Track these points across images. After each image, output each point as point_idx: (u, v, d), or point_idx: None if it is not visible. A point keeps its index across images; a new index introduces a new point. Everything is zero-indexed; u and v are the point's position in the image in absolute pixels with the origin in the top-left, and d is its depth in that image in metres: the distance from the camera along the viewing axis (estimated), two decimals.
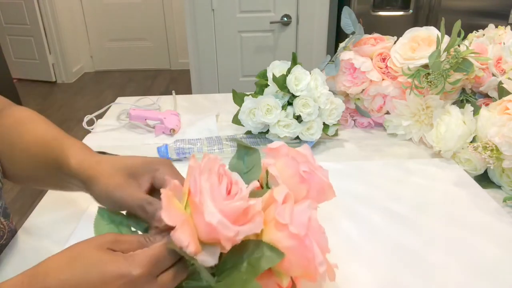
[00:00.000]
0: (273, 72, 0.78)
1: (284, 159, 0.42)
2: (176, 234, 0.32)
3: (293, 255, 0.35)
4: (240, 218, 0.34)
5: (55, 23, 3.60)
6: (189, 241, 0.32)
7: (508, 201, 0.64)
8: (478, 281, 0.49)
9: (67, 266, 0.32)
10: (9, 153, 0.50)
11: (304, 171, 0.41)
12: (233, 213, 0.33)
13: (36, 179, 0.51)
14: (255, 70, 0.89)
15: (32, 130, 0.50)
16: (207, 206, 0.33)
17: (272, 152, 0.44)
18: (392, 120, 0.85)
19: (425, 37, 0.78)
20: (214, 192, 0.34)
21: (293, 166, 0.41)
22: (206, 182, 0.34)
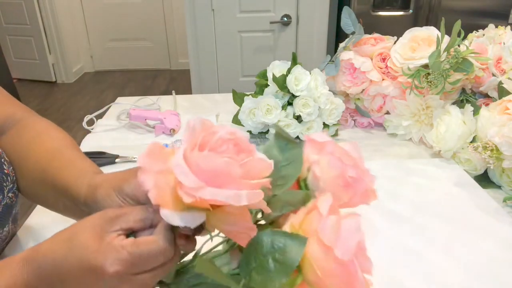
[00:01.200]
0: (273, 72, 0.78)
1: (329, 157, 0.37)
2: (141, 176, 0.29)
3: (334, 279, 0.31)
4: (225, 181, 0.29)
5: (55, 23, 3.60)
6: (153, 187, 0.29)
7: (508, 201, 0.64)
8: (478, 281, 0.49)
9: (61, 246, 0.33)
10: (22, 165, 0.49)
11: (351, 176, 0.37)
12: (211, 170, 0.28)
13: (42, 198, 0.49)
14: (255, 70, 0.89)
15: (47, 144, 0.49)
16: (177, 153, 0.29)
17: (313, 144, 0.39)
18: (392, 120, 0.85)
19: (425, 37, 0.78)
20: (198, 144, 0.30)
21: (339, 168, 0.37)
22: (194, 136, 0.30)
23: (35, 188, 0.49)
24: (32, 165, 0.48)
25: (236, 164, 0.29)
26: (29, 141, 0.50)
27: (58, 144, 0.50)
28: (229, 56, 2.04)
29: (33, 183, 0.49)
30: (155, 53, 4.08)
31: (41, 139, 0.50)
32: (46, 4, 3.49)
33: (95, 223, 0.33)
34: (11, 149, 0.50)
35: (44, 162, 0.47)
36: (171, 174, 0.30)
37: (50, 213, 0.62)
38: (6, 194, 0.48)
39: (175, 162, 0.28)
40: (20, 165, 0.50)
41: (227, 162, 0.29)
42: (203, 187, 0.28)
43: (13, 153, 0.50)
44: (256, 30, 1.99)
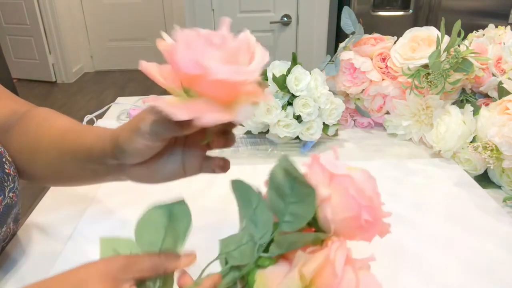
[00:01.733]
0: (273, 72, 0.78)
1: (342, 196, 0.33)
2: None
3: None
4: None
5: (55, 23, 3.61)
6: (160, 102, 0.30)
7: (508, 201, 0.64)
8: (478, 281, 0.49)
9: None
10: (34, 151, 0.49)
11: (366, 220, 0.34)
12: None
13: (59, 173, 0.49)
14: None
15: (55, 125, 0.50)
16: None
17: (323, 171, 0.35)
18: (392, 120, 0.85)
19: (425, 37, 0.78)
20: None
21: (354, 209, 0.33)
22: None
23: (53, 168, 0.48)
24: (45, 146, 0.48)
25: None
26: (38, 127, 0.50)
27: (68, 122, 0.50)
28: None
29: (50, 164, 0.48)
30: (155, 53, 4.05)
31: (49, 122, 0.51)
32: (46, 4, 3.49)
33: (107, 271, 0.32)
34: (19, 140, 0.50)
35: (58, 138, 0.47)
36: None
37: (50, 213, 0.63)
38: (7, 194, 0.48)
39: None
40: (32, 152, 0.49)
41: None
42: (208, 62, 0.29)
43: (23, 144, 0.50)
44: (256, 30, 1.99)
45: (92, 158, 0.43)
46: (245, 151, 0.81)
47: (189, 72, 0.30)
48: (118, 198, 0.65)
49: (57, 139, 0.48)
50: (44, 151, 0.48)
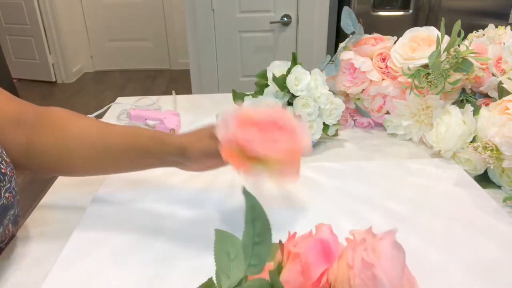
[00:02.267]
0: (273, 72, 0.78)
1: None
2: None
3: None
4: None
5: (55, 23, 3.61)
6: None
7: (508, 201, 0.64)
8: (478, 281, 0.49)
9: None
10: (64, 145, 0.54)
11: None
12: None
13: (98, 166, 0.56)
14: (255, 70, 0.89)
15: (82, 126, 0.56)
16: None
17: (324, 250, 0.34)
18: (392, 120, 0.85)
19: (425, 37, 0.78)
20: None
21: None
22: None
23: (95, 163, 0.55)
24: (84, 144, 0.54)
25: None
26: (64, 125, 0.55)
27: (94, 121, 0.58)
28: (229, 56, 2.04)
29: (92, 160, 0.54)
30: (155, 53, 4.08)
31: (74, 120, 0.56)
32: (46, 4, 3.49)
33: None
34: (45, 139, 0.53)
35: (99, 137, 0.54)
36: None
37: (50, 213, 0.63)
38: (3, 194, 0.48)
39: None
40: (64, 150, 0.54)
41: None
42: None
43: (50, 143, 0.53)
44: (256, 30, 1.99)
45: (148, 155, 0.52)
46: None
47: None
48: (118, 198, 0.65)
49: (97, 137, 0.54)
50: (80, 148, 0.53)
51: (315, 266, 0.33)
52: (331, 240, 0.35)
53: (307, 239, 0.35)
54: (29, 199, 2.13)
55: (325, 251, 0.34)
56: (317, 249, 0.34)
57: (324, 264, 0.34)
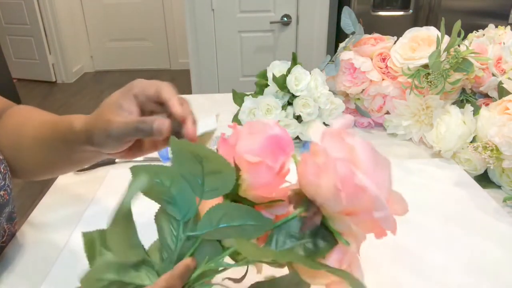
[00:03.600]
0: (273, 72, 0.78)
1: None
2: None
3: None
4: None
5: (55, 23, 3.60)
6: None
7: (508, 201, 0.64)
8: (478, 281, 0.49)
9: None
10: (18, 146, 0.50)
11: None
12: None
13: (47, 164, 0.50)
14: (255, 70, 0.89)
15: (37, 118, 0.51)
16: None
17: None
18: (392, 120, 0.85)
19: (425, 37, 0.78)
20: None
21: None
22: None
23: (39, 161, 0.49)
24: (29, 141, 0.49)
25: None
26: (19, 124, 0.51)
27: (47, 115, 0.51)
28: (229, 56, 2.04)
29: (35, 158, 0.49)
30: (155, 53, 4.08)
31: (29, 118, 0.51)
32: (46, 4, 3.49)
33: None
34: (3, 138, 0.51)
35: (39, 131, 0.48)
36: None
37: (50, 213, 0.63)
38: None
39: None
40: (17, 149, 0.50)
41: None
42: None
43: (7, 141, 0.51)
44: (256, 30, 1.98)
45: (70, 145, 0.44)
46: None
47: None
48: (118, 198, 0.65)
49: (37, 132, 0.49)
50: (28, 146, 0.49)
51: (274, 159, 0.33)
52: (282, 133, 0.34)
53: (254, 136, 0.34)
54: (29, 199, 2.13)
55: (280, 147, 0.34)
56: (271, 147, 0.33)
57: (282, 156, 0.34)
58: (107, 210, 0.62)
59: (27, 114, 0.53)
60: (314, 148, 0.32)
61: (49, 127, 0.48)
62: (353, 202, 0.30)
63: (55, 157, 0.48)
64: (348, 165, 0.29)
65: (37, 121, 0.50)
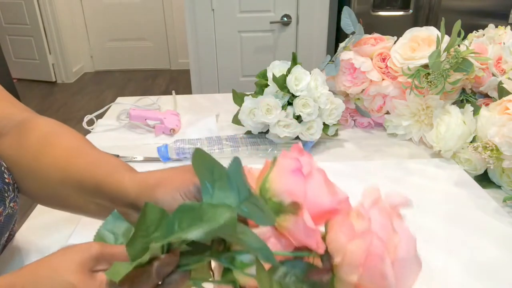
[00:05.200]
0: (273, 72, 0.78)
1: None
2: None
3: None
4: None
5: (55, 23, 3.60)
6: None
7: (508, 201, 0.64)
8: (478, 281, 0.49)
9: (42, 284, 0.30)
10: (33, 170, 0.46)
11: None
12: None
13: (57, 198, 0.46)
14: (255, 70, 0.89)
15: (60, 142, 0.46)
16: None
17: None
18: (392, 120, 0.85)
19: (425, 37, 0.78)
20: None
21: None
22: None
23: (51, 190, 0.45)
24: (47, 165, 0.44)
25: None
26: (40, 141, 0.46)
27: (76, 142, 0.46)
28: (229, 56, 2.04)
29: (48, 185, 0.45)
30: (155, 53, 4.08)
31: (54, 138, 0.47)
32: (46, 4, 3.49)
33: (82, 262, 0.30)
34: (15, 151, 0.47)
35: (64, 161, 0.44)
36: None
37: (50, 213, 0.63)
38: (7, 204, 0.46)
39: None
40: (30, 170, 0.46)
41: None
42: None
43: (19, 156, 0.46)
44: (256, 30, 1.98)
45: (101, 195, 0.41)
46: (245, 151, 0.81)
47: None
48: None
49: (62, 161, 0.44)
50: (44, 173, 0.44)
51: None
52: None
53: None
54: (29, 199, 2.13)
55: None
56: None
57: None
58: None
59: (49, 133, 0.47)
60: (359, 209, 0.31)
61: (78, 163, 0.43)
62: (367, 280, 0.29)
63: (70, 197, 0.43)
64: (383, 248, 0.29)
65: (60, 148, 0.45)
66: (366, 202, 0.32)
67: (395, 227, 0.30)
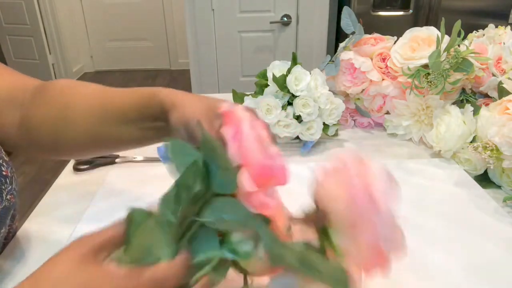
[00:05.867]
0: (273, 72, 0.78)
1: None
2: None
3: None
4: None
5: (55, 23, 3.60)
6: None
7: (508, 201, 0.64)
8: (478, 281, 0.49)
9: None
10: (64, 120, 0.47)
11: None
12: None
13: (95, 142, 0.48)
14: (255, 70, 0.89)
15: (88, 90, 0.49)
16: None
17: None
18: (392, 120, 0.85)
19: (425, 37, 0.78)
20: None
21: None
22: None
23: (91, 134, 0.47)
24: (80, 112, 0.46)
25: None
26: (64, 95, 0.48)
27: (100, 87, 0.50)
28: (229, 56, 2.04)
29: (87, 131, 0.47)
30: (155, 53, 4.08)
31: (77, 88, 0.49)
32: (46, 4, 3.49)
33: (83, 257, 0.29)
34: (41, 112, 0.48)
35: (98, 97, 0.47)
36: None
37: (50, 213, 0.63)
38: (4, 196, 0.47)
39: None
40: (60, 122, 0.47)
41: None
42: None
43: (46, 115, 0.48)
44: (256, 30, 1.98)
45: (146, 115, 0.43)
46: None
47: None
48: (118, 198, 0.65)
49: (97, 100, 0.46)
50: (79, 118, 0.46)
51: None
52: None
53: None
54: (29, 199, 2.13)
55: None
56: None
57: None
58: (107, 210, 0.62)
59: (71, 86, 0.50)
60: (336, 167, 0.34)
61: (116, 97, 0.46)
62: (363, 216, 0.32)
63: (108, 133, 0.46)
64: (366, 180, 0.33)
65: (89, 93, 0.48)
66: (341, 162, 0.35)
67: (368, 169, 0.35)
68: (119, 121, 0.45)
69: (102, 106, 0.46)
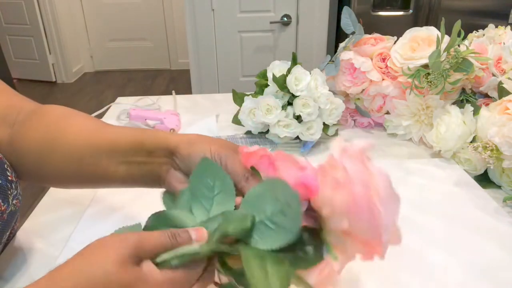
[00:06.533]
0: (273, 72, 0.78)
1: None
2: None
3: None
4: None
5: (55, 23, 3.60)
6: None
7: (508, 201, 0.64)
8: (478, 281, 0.49)
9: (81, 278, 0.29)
10: (50, 150, 0.46)
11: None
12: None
13: (83, 170, 0.46)
14: (255, 70, 0.89)
15: (75, 123, 0.48)
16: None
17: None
18: (392, 120, 0.85)
19: (425, 37, 0.78)
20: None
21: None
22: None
23: (76, 164, 0.46)
24: (73, 136, 0.46)
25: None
26: (55, 124, 0.48)
27: (93, 120, 0.49)
28: (229, 56, 2.04)
29: (73, 158, 0.46)
30: (155, 53, 4.08)
31: (74, 114, 0.49)
32: (46, 4, 3.49)
33: (120, 253, 0.30)
34: (29, 138, 0.47)
35: (92, 128, 0.46)
36: None
37: (50, 213, 0.63)
38: (11, 202, 0.46)
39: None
40: (47, 152, 0.46)
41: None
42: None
43: (33, 142, 0.47)
44: (256, 30, 1.99)
45: (139, 151, 0.43)
46: None
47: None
48: (118, 198, 0.65)
49: (90, 130, 0.46)
50: (65, 150, 0.46)
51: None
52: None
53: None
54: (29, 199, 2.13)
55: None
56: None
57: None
58: (107, 210, 0.62)
59: (64, 115, 0.49)
60: (332, 162, 0.33)
61: (122, 134, 0.45)
62: (358, 224, 0.31)
63: (98, 166, 0.45)
64: (367, 188, 0.31)
65: (80, 124, 0.47)
66: (335, 153, 0.33)
67: (370, 169, 0.33)
68: (107, 153, 0.44)
69: (93, 141, 0.46)
